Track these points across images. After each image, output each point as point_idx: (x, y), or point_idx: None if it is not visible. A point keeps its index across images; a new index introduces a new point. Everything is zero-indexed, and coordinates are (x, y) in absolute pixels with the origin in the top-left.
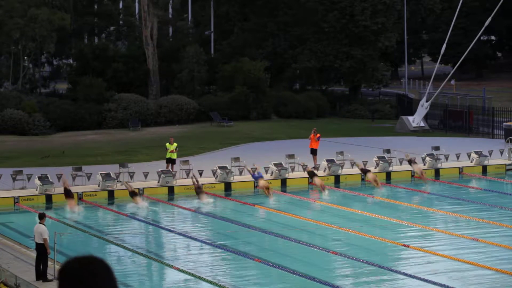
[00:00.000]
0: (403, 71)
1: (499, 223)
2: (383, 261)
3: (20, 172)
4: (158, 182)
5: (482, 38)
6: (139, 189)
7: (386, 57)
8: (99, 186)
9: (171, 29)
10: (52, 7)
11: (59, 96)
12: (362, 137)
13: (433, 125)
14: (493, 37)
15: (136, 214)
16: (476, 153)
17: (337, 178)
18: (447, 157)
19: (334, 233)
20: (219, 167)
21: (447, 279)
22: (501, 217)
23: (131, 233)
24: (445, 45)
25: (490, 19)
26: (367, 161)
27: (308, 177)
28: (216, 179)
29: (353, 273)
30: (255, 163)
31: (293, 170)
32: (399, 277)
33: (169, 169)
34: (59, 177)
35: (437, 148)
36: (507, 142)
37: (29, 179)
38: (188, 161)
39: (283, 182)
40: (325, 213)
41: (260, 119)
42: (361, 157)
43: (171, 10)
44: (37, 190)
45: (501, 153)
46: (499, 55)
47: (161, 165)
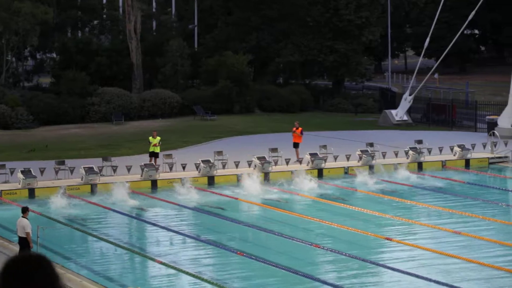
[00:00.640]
0: (387, 65)
1: (482, 216)
2: (366, 254)
3: (3, 166)
4: (141, 175)
5: (465, 32)
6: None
7: (369, 51)
8: (82, 180)
9: (154, 23)
10: (35, 1)
11: (42, 90)
12: (345, 131)
13: (416, 119)
14: (476, 31)
15: (119, 207)
16: (459, 146)
17: (320, 171)
18: (430, 151)
19: (317, 226)
20: (202, 161)
21: (430, 271)
22: (484, 210)
23: (114, 227)
24: (428, 39)
25: (473, 13)
26: (350, 155)
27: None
28: (199, 172)
29: (336, 266)
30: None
31: (276, 163)
32: (382, 270)
33: (152, 162)
34: (42, 171)
35: (420, 141)
36: (490, 135)
37: (12, 173)
38: (171, 154)
39: (266, 175)
40: (308, 207)
41: (243, 113)
42: (344, 150)
43: (154, 4)
44: (19, 184)
45: (484, 146)
46: (483, 49)
47: (144, 159)
